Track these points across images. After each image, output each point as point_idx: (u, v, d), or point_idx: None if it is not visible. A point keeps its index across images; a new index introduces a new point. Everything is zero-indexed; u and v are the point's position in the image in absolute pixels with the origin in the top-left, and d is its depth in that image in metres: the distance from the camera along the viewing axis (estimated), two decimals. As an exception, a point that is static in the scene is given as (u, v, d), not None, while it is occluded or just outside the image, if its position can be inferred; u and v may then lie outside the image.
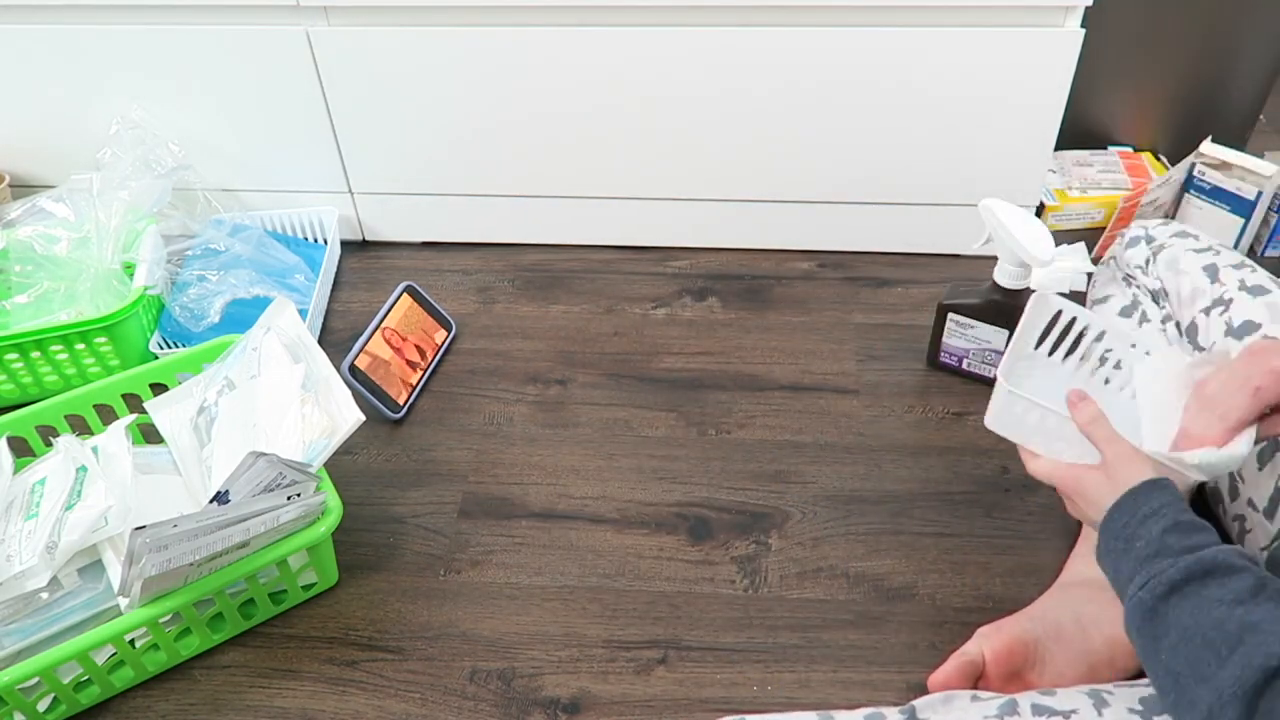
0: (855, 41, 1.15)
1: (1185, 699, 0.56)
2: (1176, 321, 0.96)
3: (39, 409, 1.00)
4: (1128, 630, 0.62)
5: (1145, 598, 0.60)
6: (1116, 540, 0.65)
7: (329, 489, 0.91)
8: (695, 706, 0.85)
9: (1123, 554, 0.64)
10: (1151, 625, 0.59)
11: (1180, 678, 0.56)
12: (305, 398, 0.94)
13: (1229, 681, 0.53)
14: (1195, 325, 0.92)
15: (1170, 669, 0.57)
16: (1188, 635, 0.56)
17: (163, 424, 1.02)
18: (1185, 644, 0.56)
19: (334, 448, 0.90)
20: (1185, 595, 0.58)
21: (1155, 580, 0.59)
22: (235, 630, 0.92)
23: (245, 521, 0.82)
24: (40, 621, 0.86)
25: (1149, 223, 1.02)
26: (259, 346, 0.99)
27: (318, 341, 1.25)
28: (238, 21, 1.21)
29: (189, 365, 1.06)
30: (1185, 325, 0.93)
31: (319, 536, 0.88)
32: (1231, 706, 0.53)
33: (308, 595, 0.95)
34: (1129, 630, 0.62)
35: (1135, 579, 0.61)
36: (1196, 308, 0.92)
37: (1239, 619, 0.55)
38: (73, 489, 0.89)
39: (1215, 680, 0.54)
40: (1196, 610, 0.57)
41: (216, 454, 0.96)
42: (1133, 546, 0.63)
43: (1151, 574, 0.60)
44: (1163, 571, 0.59)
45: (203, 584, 0.84)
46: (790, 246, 1.36)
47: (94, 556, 0.90)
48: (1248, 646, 0.53)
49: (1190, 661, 0.55)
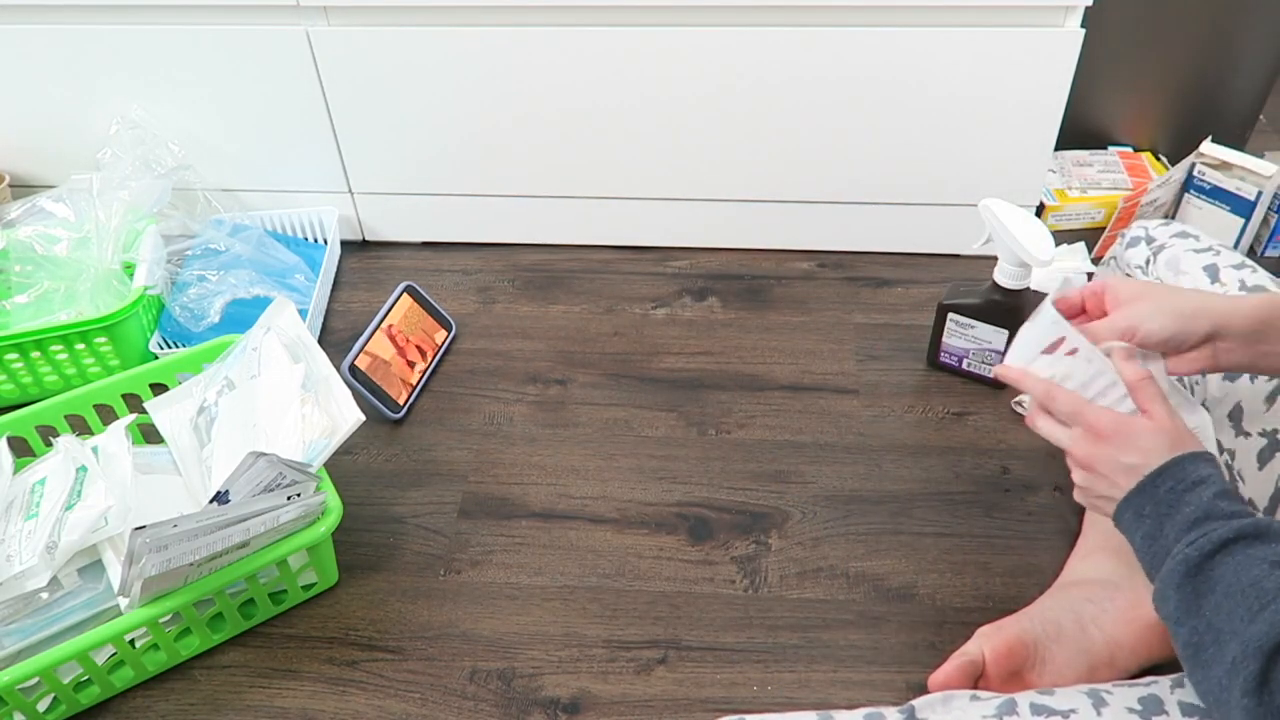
0: (855, 41, 1.15)
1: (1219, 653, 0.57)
2: None
3: (39, 409, 1.00)
4: (1163, 590, 0.62)
5: (1193, 554, 0.60)
6: (1158, 505, 0.65)
7: (329, 489, 0.91)
8: (695, 706, 0.85)
9: (1165, 517, 0.64)
10: (1194, 581, 0.60)
11: (1221, 633, 0.57)
12: (305, 398, 0.94)
13: (1255, 636, 0.55)
14: None
15: (1213, 624, 0.58)
16: (1230, 593, 0.58)
17: (163, 424, 1.02)
18: (1227, 599, 0.57)
19: (334, 448, 0.90)
20: (1233, 553, 0.59)
21: (1205, 539, 0.60)
22: (235, 630, 0.92)
23: (245, 521, 0.82)
24: (40, 621, 0.86)
25: (1149, 223, 1.02)
26: (259, 346, 0.99)
27: (318, 341, 1.25)
28: (238, 21, 1.21)
29: (189, 365, 1.06)
30: None
31: (319, 536, 0.88)
32: (1253, 660, 0.54)
33: (308, 595, 0.95)
34: (1166, 588, 0.62)
35: (1184, 538, 0.62)
36: None
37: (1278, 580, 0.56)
38: (73, 489, 0.89)
39: (1244, 634, 0.55)
40: (1240, 568, 0.58)
41: (216, 454, 0.96)
42: (1179, 510, 0.63)
43: (1202, 533, 0.60)
44: (1214, 530, 0.60)
45: (203, 584, 0.84)
46: (790, 246, 1.36)
47: (94, 556, 0.90)
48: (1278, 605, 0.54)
49: (1229, 615, 0.57)
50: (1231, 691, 0.55)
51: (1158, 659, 0.79)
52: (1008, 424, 1.10)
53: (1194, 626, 0.59)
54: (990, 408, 1.11)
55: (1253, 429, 0.82)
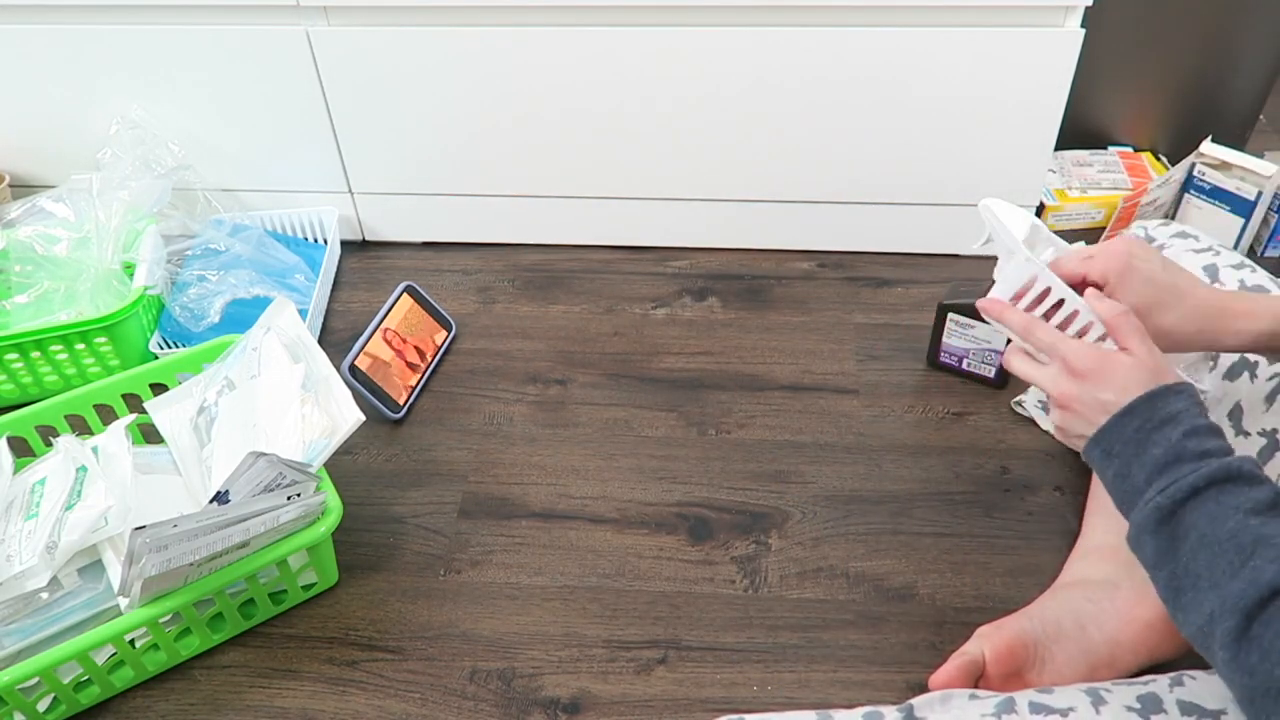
0: (855, 41, 1.15)
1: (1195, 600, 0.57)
2: None
3: (39, 409, 1.00)
4: (1138, 535, 0.62)
5: (1164, 502, 0.60)
6: (1126, 445, 0.64)
7: (329, 489, 0.91)
8: (695, 706, 0.85)
9: (1133, 458, 0.63)
10: (1169, 528, 0.60)
11: (1199, 580, 0.57)
12: (305, 398, 0.94)
13: (1234, 594, 0.55)
14: None
15: (1191, 570, 0.58)
16: (1205, 541, 0.58)
17: (163, 424, 1.02)
18: (1204, 549, 0.57)
19: (334, 448, 0.90)
20: (1204, 499, 0.59)
21: (1175, 486, 0.59)
22: (235, 630, 0.92)
23: (245, 521, 0.82)
24: (40, 621, 0.86)
25: (1149, 223, 1.02)
26: (259, 346, 0.99)
27: (318, 341, 1.25)
28: (238, 21, 1.21)
29: (189, 365, 1.06)
30: None
31: (319, 536, 0.88)
32: (1231, 616, 0.55)
33: (308, 595, 0.95)
34: (1141, 533, 0.62)
35: (1155, 483, 0.61)
36: None
37: (1254, 531, 0.56)
38: (73, 489, 0.89)
39: (1224, 589, 0.56)
40: (1214, 516, 0.58)
41: (216, 454, 0.96)
42: (1146, 451, 0.63)
43: (1173, 479, 0.60)
44: (1184, 477, 0.59)
45: (203, 584, 0.84)
46: (790, 246, 1.36)
47: (94, 556, 0.90)
48: (1258, 561, 0.55)
49: (1208, 566, 0.57)
50: (1211, 639, 0.57)
51: (1158, 659, 0.79)
52: (1008, 424, 1.10)
53: (1172, 571, 0.59)
54: (990, 408, 1.11)
55: (1252, 429, 0.82)
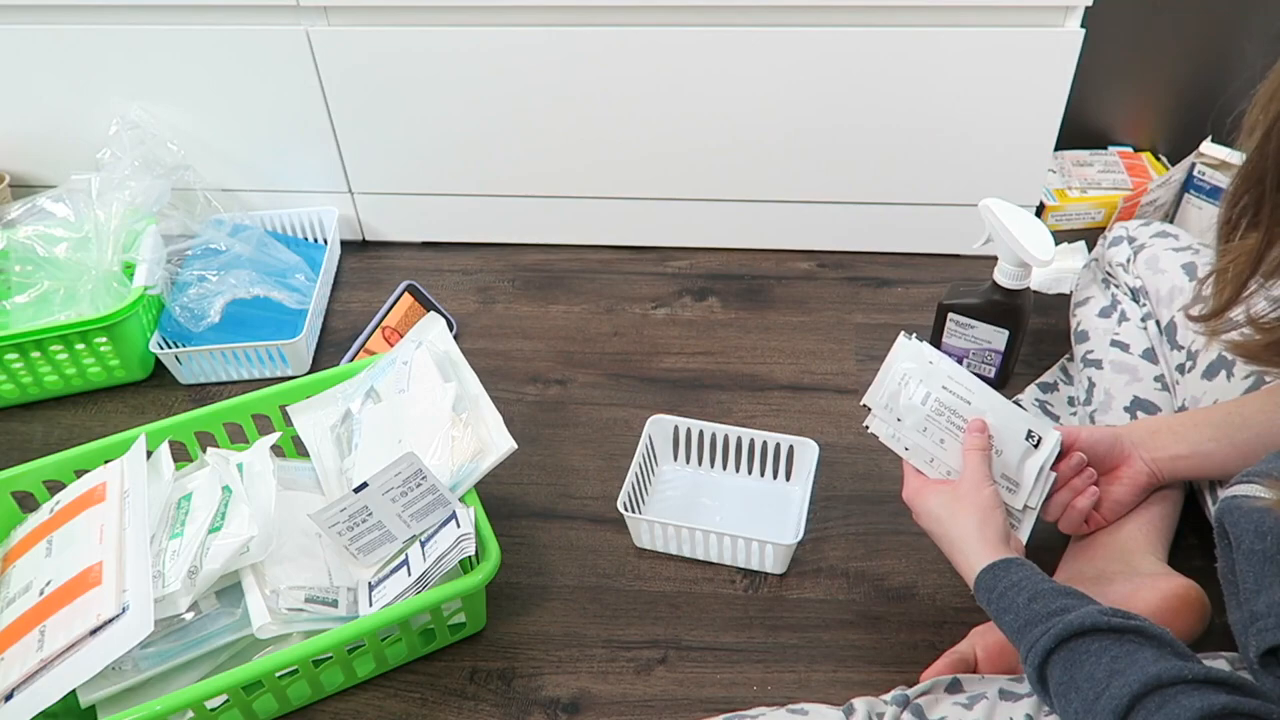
0: (855, 41, 1.15)
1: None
2: (1156, 319, 0.97)
3: (200, 414, 0.97)
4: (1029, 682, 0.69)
5: (1030, 672, 0.67)
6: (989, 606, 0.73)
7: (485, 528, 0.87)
8: (695, 706, 0.85)
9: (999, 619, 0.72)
10: (1043, 687, 0.66)
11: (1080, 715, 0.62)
12: (455, 419, 0.91)
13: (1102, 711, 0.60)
14: (1174, 324, 0.94)
15: (1066, 711, 0.64)
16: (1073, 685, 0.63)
17: (304, 428, 0.99)
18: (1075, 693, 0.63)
19: (482, 473, 0.88)
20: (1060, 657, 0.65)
21: (1033, 652, 0.66)
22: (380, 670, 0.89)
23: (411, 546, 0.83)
24: (176, 647, 0.83)
25: (1130, 224, 1.04)
26: (410, 360, 0.97)
27: (318, 341, 1.25)
28: (238, 21, 1.21)
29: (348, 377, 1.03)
30: (1164, 323, 0.96)
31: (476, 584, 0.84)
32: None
33: (456, 637, 0.91)
34: (1030, 682, 0.68)
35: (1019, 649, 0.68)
36: (1175, 306, 0.94)
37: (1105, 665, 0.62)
38: (217, 511, 0.86)
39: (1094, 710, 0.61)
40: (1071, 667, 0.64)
41: (358, 465, 0.94)
42: (1003, 619, 0.71)
43: (1029, 645, 0.66)
44: (1037, 640, 0.66)
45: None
46: (790, 246, 1.36)
47: (234, 580, 0.87)
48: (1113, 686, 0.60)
49: (1079, 704, 0.62)
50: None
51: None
52: (1008, 424, 1.09)
53: (1062, 709, 0.65)
54: (990, 408, 1.11)
55: None
